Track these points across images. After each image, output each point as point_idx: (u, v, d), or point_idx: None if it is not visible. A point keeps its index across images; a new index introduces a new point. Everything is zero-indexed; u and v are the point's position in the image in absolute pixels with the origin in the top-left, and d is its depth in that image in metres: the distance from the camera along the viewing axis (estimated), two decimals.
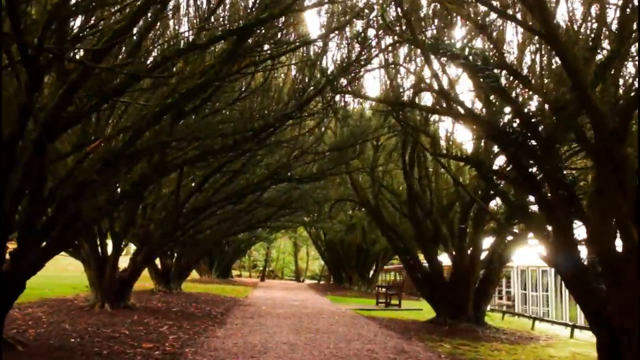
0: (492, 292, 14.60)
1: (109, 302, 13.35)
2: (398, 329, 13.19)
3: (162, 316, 12.88)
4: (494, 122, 6.64)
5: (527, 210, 7.69)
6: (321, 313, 16.69)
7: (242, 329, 11.64)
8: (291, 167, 12.92)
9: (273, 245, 53.56)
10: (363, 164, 14.89)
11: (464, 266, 13.79)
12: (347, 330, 12.56)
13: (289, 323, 13.31)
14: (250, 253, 58.88)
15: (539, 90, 6.23)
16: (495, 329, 13.87)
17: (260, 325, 12.50)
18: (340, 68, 8.48)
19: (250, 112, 9.74)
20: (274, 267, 63.61)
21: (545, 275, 26.36)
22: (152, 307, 14.95)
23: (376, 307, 20.43)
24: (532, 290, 27.50)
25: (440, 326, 13.79)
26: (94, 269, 13.58)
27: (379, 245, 27.08)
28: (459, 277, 13.87)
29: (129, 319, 11.87)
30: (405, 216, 14.89)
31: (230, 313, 15.11)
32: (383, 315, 17.04)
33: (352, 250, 30.23)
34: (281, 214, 22.28)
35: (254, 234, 31.72)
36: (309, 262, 62.60)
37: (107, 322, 11.11)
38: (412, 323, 14.89)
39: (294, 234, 48.90)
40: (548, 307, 25.90)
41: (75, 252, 14.16)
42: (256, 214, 20.83)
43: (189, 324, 11.88)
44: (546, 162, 6.21)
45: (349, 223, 27.93)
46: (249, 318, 14.02)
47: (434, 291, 14.47)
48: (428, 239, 14.14)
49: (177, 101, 6.94)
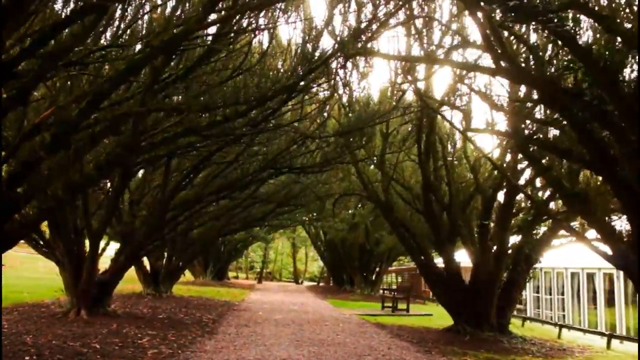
0: (518, 297, 13.04)
1: (85, 309, 11.78)
2: (413, 339, 11.63)
3: (145, 324, 11.31)
4: (557, 82, 5.13)
5: (586, 200, 6.15)
6: (324, 319, 15.12)
7: (236, 340, 10.07)
8: (291, 155, 11.36)
9: (271, 245, 51.90)
10: (370, 153, 13.34)
11: (487, 267, 12.25)
12: (355, 341, 10.99)
13: (289, 332, 11.74)
14: (247, 254, 57.25)
15: (625, 34, 4.69)
16: (521, 339, 12.31)
17: (256, 335, 10.93)
18: (356, 28, 6.91)
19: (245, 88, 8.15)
20: (272, 268, 61.88)
21: (561, 277, 24.80)
22: (136, 313, 13.36)
23: (382, 312, 18.86)
24: (546, 294, 25.93)
25: (460, 335, 12.24)
26: (69, 271, 12.02)
27: (384, 246, 25.46)
28: (480, 280, 12.32)
29: (106, 328, 10.29)
30: (418, 212, 13.32)
31: (224, 320, 13.53)
32: (392, 322, 15.46)
33: (355, 250, 28.56)
34: (280, 212, 20.73)
35: (252, 234, 30.14)
36: (308, 263, 60.97)
37: (78, 332, 9.54)
38: (426, 331, 13.33)
39: (293, 234, 47.28)
40: (564, 312, 24.34)
41: (49, 252, 12.60)
42: (253, 211, 19.29)
43: (174, 334, 10.31)
44: (630, 135, 4.69)
45: (352, 222, 26.30)
46: (244, 326, 12.45)
47: (451, 296, 12.90)
48: (445, 236, 12.59)
49: (148, 56, 5.37)
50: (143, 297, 18.20)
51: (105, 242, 14.50)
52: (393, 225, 13.55)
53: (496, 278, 12.13)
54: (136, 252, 12.35)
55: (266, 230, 32.10)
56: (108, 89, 5.48)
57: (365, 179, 13.73)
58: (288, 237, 49.93)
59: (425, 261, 13.31)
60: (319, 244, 37.57)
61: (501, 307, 12.46)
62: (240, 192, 14.09)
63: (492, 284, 12.16)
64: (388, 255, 27.91)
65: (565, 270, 24.13)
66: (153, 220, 11.78)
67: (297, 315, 16.00)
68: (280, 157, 11.03)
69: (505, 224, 11.78)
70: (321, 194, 16.05)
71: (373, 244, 26.49)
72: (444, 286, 12.96)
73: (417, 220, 13.83)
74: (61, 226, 11.55)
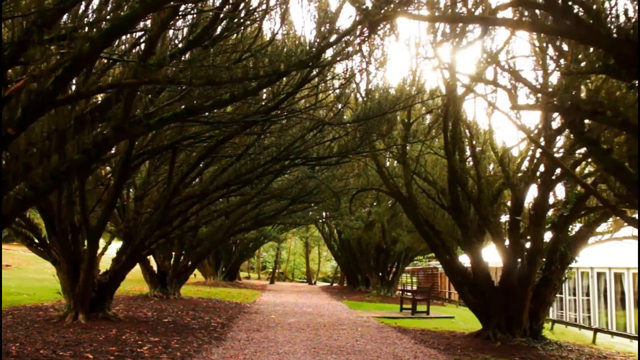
0: (552, 299, 11.97)
1: (83, 312, 10.94)
2: (439, 346, 10.63)
3: (147, 330, 10.42)
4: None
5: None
6: (340, 323, 14.16)
7: (246, 348, 9.13)
8: (307, 145, 10.39)
9: (283, 245, 50.94)
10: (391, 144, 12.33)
11: (519, 267, 11.22)
12: (377, 347, 10.02)
13: (304, 338, 10.80)
14: (259, 254, 56.36)
15: None
16: (557, 345, 11.26)
17: (268, 342, 10.00)
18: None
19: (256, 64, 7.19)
20: (284, 268, 60.88)
21: (586, 277, 23.62)
22: (139, 317, 12.49)
23: (401, 315, 17.84)
24: (570, 294, 24.75)
25: (490, 341, 11.22)
26: (66, 272, 11.15)
27: (401, 245, 24.39)
28: (511, 281, 11.29)
29: (104, 334, 9.41)
30: (443, 207, 12.29)
31: (233, 324, 12.61)
32: (413, 325, 14.47)
33: (371, 250, 27.48)
34: (293, 209, 19.76)
35: (263, 233, 29.20)
36: (321, 263, 59.94)
37: (72, 339, 8.66)
38: (452, 336, 12.32)
39: (306, 233, 46.27)
40: (589, 313, 23.18)
41: (45, 252, 11.75)
42: (264, 208, 18.37)
43: (179, 340, 9.40)
44: None
45: (367, 220, 25.25)
46: (255, 331, 11.53)
47: (479, 298, 11.87)
48: (472, 233, 11.57)
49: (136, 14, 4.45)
50: (149, 298, 17.35)
51: (107, 241, 13.68)
52: (416, 223, 12.53)
53: (529, 278, 11.09)
54: (138, 251, 11.45)
55: (278, 229, 31.16)
56: (89, 53, 4.56)
57: (386, 173, 12.72)
58: (301, 236, 48.91)
59: (451, 260, 12.29)
60: (332, 243, 36.55)
61: (534, 310, 11.43)
62: (251, 187, 13.16)
63: (525, 285, 11.13)
64: (405, 255, 26.82)
65: (590, 270, 22.98)
66: (156, 216, 10.87)
67: (312, 318, 15.06)
68: (294, 148, 10.06)
69: (539, 219, 10.73)
70: (337, 190, 15.05)
71: (390, 243, 25.44)
72: (471, 287, 11.92)
73: (440, 216, 12.81)
74: (57, 223, 10.67)
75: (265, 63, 6.99)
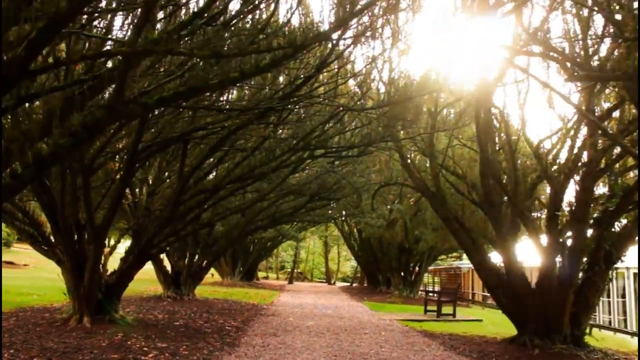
0: (596, 302, 11.00)
1: (88, 315, 10.25)
2: (472, 354, 9.74)
3: (156, 334, 9.70)
4: None
5: None
6: (362, 326, 13.32)
7: (260, 356, 8.35)
8: (327, 135, 9.56)
9: (302, 244, 50.12)
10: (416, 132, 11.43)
11: (559, 267, 10.27)
12: (404, 355, 9.17)
13: (324, 344, 9.98)
14: (277, 253, 55.65)
15: None
16: (602, 353, 10.28)
17: (285, 348, 9.20)
18: None
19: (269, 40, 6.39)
20: (303, 268, 60.09)
21: (621, 278, 22.42)
22: (149, 319, 11.79)
23: (426, 317, 16.91)
24: (604, 296, 23.56)
25: (527, 348, 10.28)
26: (70, 272, 10.48)
27: (424, 244, 23.42)
28: (550, 282, 10.34)
29: (108, 339, 8.70)
30: (473, 203, 11.38)
31: (249, 327, 11.85)
32: (440, 329, 13.55)
33: (392, 249, 26.52)
34: (311, 207, 18.93)
35: (281, 232, 28.42)
36: (340, 263, 59.03)
37: (72, 345, 7.96)
38: (483, 342, 11.41)
39: (325, 232, 45.42)
40: (625, 316, 21.99)
41: (49, 250, 11.11)
42: (282, 206, 17.59)
43: (188, 347, 8.65)
44: None
45: (389, 218, 24.29)
46: (271, 335, 10.75)
47: (515, 300, 10.92)
48: (507, 230, 10.64)
49: None
50: (162, 300, 16.69)
51: (116, 240, 13.04)
52: (445, 219, 11.62)
53: (570, 280, 10.13)
54: (147, 249, 10.74)
55: (297, 228, 30.38)
56: (69, 11, 3.79)
57: (411, 166, 11.83)
58: (320, 235, 48.05)
59: (482, 260, 11.36)
60: (352, 242, 35.66)
61: (575, 315, 10.44)
62: (267, 183, 12.40)
63: (565, 286, 10.17)
64: (428, 254, 25.83)
65: (627, 270, 21.80)
66: (165, 213, 10.15)
67: (332, 321, 14.24)
68: (312, 137, 9.23)
69: (583, 214, 9.77)
70: (358, 186, 14.18)
71: (412, 242, 24.49)
72: (506, 289, 10.99)
73: (469, 213, 11.89)
74: (60, 220, 10.00)
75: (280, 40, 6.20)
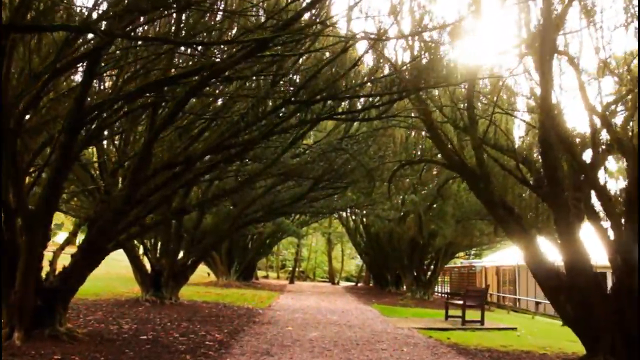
0: None
1: (21, 329, 7.73)
2: None
3: (108, 354, 7.19)
4: None
5: None
6: (377, 339, 10.80)
7: None
8: (335, 87, 6.97)
9: (304, 242, 47.38)
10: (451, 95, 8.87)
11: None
12: None
13: None
14: (278, 251, 52.97)
15: None
16: None
17: None
18: None
19: None
20: (305, 267, 57.37)
21: None
22: (110, 331, 9.27)
23: (449, 325, 14.32)
24: None
25: None
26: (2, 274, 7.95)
27: (441, 239, 20.81)
28: (632, 286, 7.77)
29: None
30: (523, 183, 8.81)
31: (236, 341, 9.33)
32: (473, 342, 10.99)
33: (403, 245, 23.86)
34: (314, 197, 16.37)
35: (281, 227, 25.86)
36: (345, 261, 56.35)
37: None
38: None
39: (328, 228, 42.78)
40: None
41: None
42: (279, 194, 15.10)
43: None
44: None
45: (401, 210, 21.62)
46: (263, 354, 8.21)
47: (584, 309, 8.33)
48: (573, 216, 8.05)
49: None
50: (140, 304, 14.17)
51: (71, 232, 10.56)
52: (489, 204, 8.97)
53: None
54: (98, 243, 8.18)
55: (298, 222, 27.79)
56: None
57: (443, 138, 9.18)
58: (323, 232, 45.38)
59: (536, 255, 8.77)
60: (358, 239, 33.02)
61: None
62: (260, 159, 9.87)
63: None
64: (445, 251, 23.21)
65: None
66: (120, 194, 7.61)
67: (339, 331, 11.71)
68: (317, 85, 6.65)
69: None
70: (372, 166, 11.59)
71: (427, 237, 21.88)
72: (571, 294, 8.38)
73: (517, 196, 9.32)
74: None
75: None
